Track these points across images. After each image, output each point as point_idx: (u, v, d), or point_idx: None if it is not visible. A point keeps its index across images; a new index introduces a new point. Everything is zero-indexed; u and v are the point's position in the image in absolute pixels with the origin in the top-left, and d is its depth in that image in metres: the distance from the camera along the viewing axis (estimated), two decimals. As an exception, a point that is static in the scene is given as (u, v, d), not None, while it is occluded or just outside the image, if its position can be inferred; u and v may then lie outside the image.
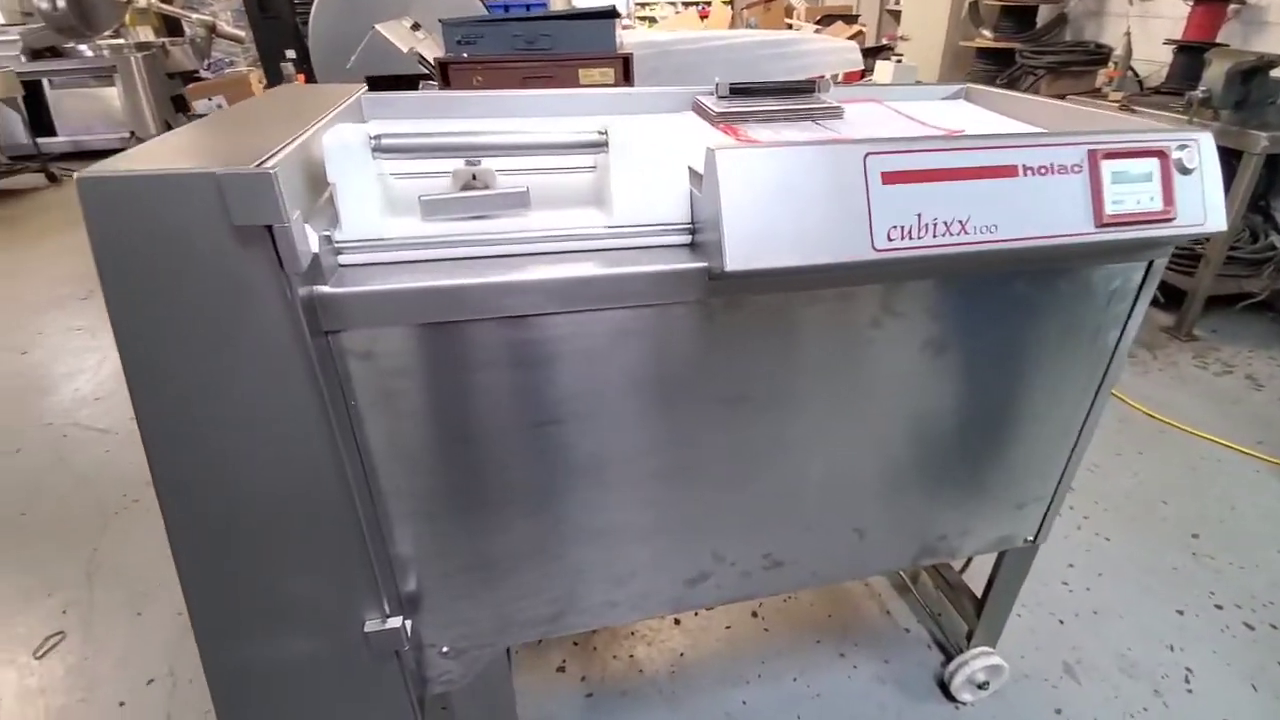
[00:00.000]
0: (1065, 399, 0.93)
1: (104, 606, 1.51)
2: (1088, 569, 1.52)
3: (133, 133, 5.44)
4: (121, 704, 1.31)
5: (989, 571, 1.17)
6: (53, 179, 5.04)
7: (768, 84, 1.03)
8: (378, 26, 2.07)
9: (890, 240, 0.67)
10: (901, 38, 4.29)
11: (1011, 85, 3.48)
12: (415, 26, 2.46)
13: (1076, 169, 0.72)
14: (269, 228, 0.51)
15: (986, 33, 3.73)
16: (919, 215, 0.68)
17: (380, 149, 0.64)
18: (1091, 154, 0.72)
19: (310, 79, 2.93)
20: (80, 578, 1.59)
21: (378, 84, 2.26)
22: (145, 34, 5.63)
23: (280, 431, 0.61)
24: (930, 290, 0.78)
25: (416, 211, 0.68)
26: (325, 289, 0.60)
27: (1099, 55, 3.27)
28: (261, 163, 0.50)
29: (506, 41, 1.59)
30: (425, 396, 0.68)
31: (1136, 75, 3.17)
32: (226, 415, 0.58)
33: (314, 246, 0.58)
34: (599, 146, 0.69)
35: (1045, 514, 1.05)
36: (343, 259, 0.65)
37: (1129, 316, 0.88)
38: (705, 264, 0.68)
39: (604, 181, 0.73)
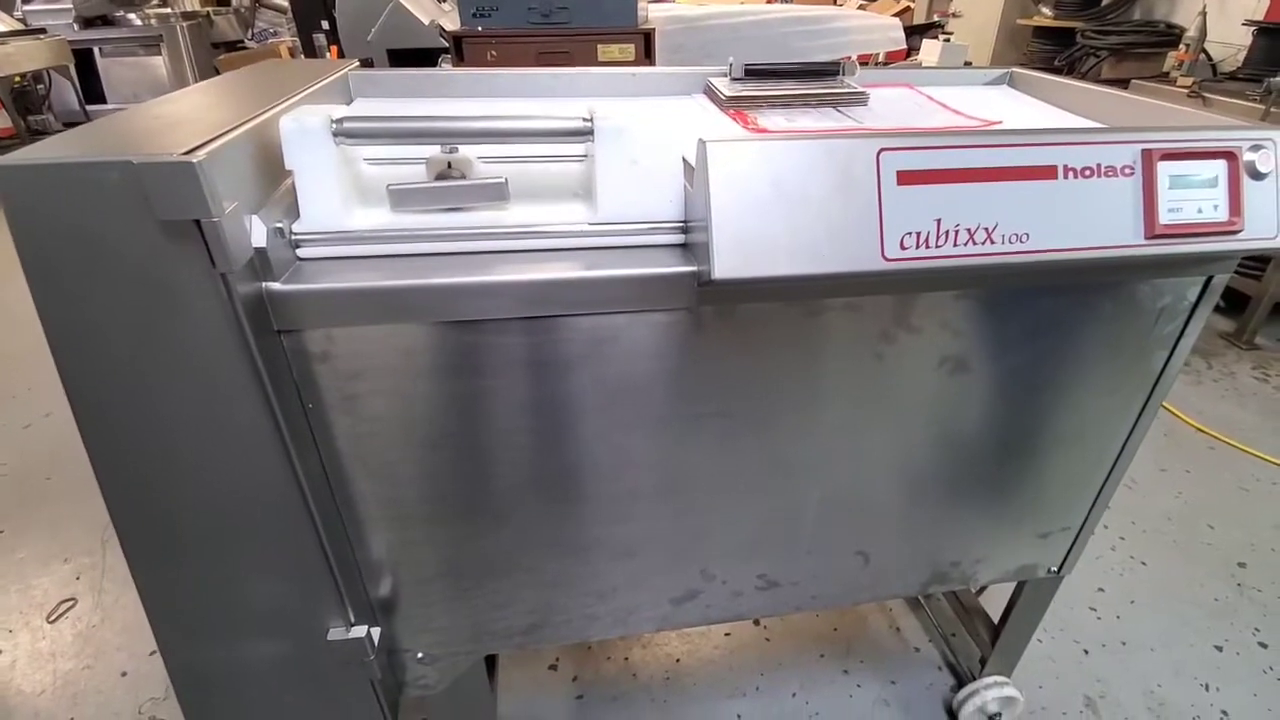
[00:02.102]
0: (1100, 424, 0.84)
1: (115, 574, 1.54)
2: (1119, 595, 1.43)
3: (178, 101, 5.53)
4: (124, 674, 1.33)
5: (1008, 594, 1.09)
6: (101, 146, 5.16)
7: (786, 65, 0.95)
8: (400, -2, 2.02)
9: (903, 249, 0.60)
10: (953, 14, 4.06)
11: (1071, 67, 3.27)
12: (441, -3, 2.40)
13: (1128, 171, 0.63)
14: (197, 222, 0.46)
15: (1046, 10, 3.50)
16: (938, 221, 0.60)
17: (342, 133, 0.58)
18: (1146, 154, 0.63)
19: (342, 53, 2.90)
20: (95, 545, 1.62)
21: (399, 57, 2.22)
22: (191, 3, 5.69)
23: (227, 435, 0.57)
24: (948, 302, 0.70)
25: (388, 201, 0.63)
26: (276, 286, 0.56)
27: (1169, 36, 3.04)
28: (190, 150, 0.46)
29: (523, 14, 1.52)
30: (388, 400, 0.64)
31: (1210, 59, 2.94)
32: (167, 418, 0.55)
33: (260, 240, 0.54)
34: (584, 135, 0.62)
35: (1072, 544, 0.97)
36: (302, 252, 0.60)
37: (1180, 336, 0.78)
38: (694, 268, 0.62)
39: (590, 174, 0.67)
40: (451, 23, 1.90)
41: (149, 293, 0.49)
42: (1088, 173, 0.63)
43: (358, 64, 0.91)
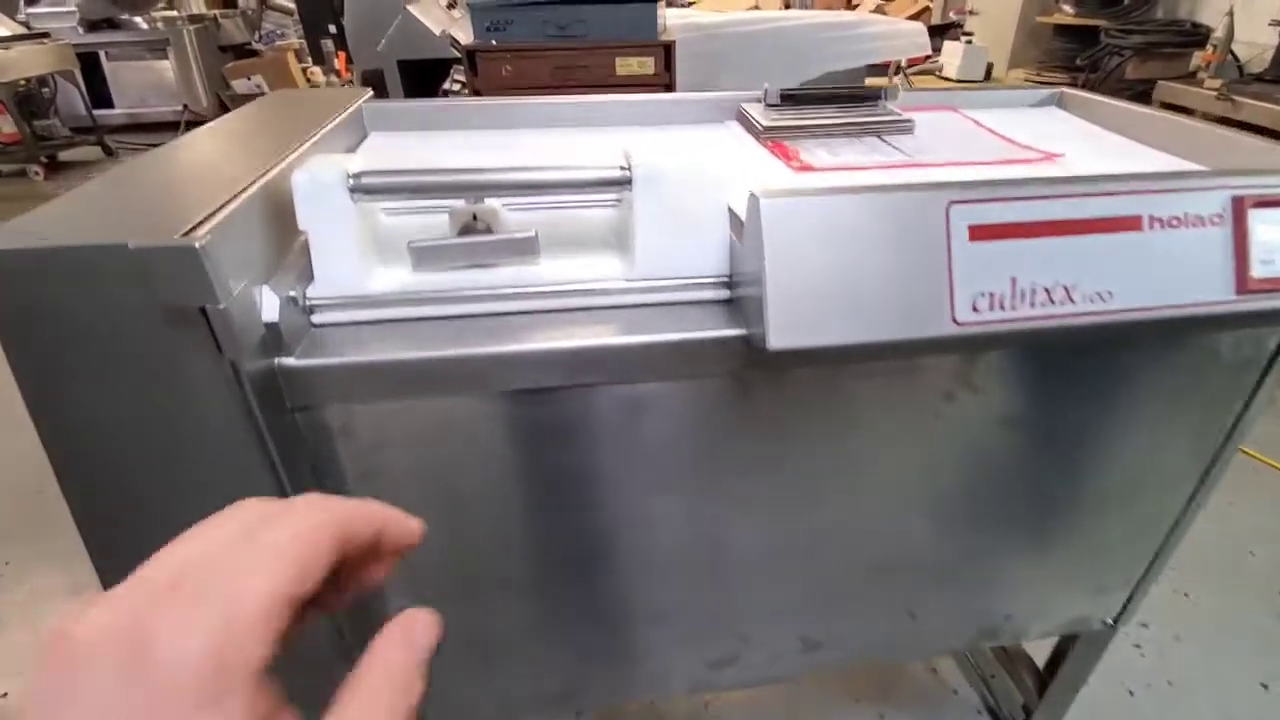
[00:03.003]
0: (1168, 476, 0.79)
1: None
2: (1164, 630, 1.37)
3: (185, 105, 5.51)
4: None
5: (1053, 641, 1.04)
6: (109, 152, 5.13)
7: (825, 90, 0.89)
8: (409, 6, 1.97)
9: (976, 311, 0.54)
10: (970, 11, 3.98)
11: (1093, 67, 3.19)
12: (451, 4, 2.35)
13: (1216, 220, 0.58)
14: (202, 308, 0.41)
15: (1067, 8, 3.42)
16: (1013, 280, 0.54)
17: (360, 189, 0.54)
18: (1237, 202, 0.57)
19: (350, 59, 2.85)
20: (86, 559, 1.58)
21: (409, 69, 2.17)
22: (198, 5, 5.65)
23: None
24: (1015, 359, 0.65)
25: (408, 258, 0.58)
26: (290, 361, 0.51)
27: (1195, 36, 2.96)
28: (193, 228, 0.41)
29: (539, 27, 1.47)
30: (413, 474, 0.59)
31: (1236, 59, 2.85)
32: (170, 513, 0.50)
33: (272, 314, 0.49)
34: (620, 185, 0.57)
35: (1131, 595, 0.91)
36: (317, 318, 0.55)
37: (1258, 387, 0.73)
38: (743, 331, 0.57)
39: (627, 223, 0.61)
40: (464, 32, 1.85)
41: (148, 381, 0.44)
42: (1174, 223, 0.57)
43: (371, 94, 0.86)
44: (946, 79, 2.57)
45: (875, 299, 0.53)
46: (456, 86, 1.81)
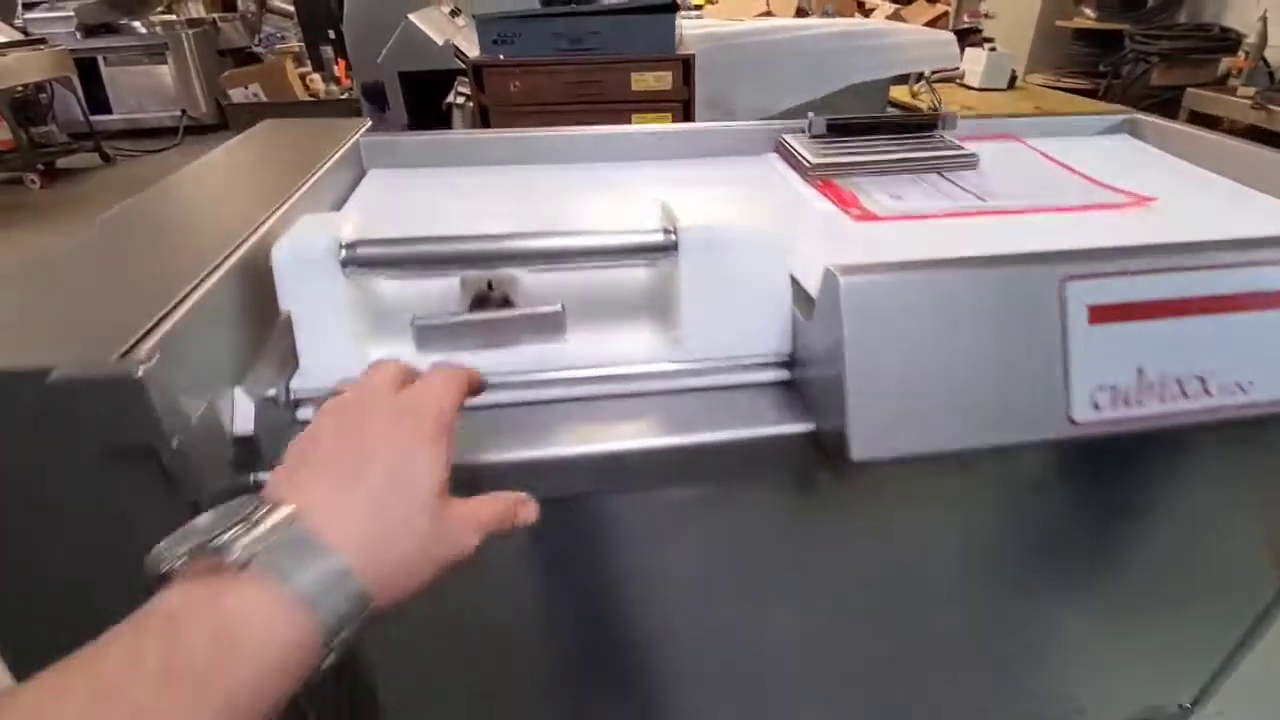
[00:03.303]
0: (1264, 566, 0.69)
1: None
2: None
3: (184, 110, 5.42)
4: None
5: None
6: (106, 159, 5.05)
7: (875, 118, 0.80)
8: (411, 16, 1.88)
9: (1097, 408, 0.45)
10: (985, 15, 3.88)
11: (1116, 73, 3.09)
12: (455, 12, 2.25)
13: (1376, 292, 0.48)
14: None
15: (1089, 11, 3.32)
16: (1139, 370, 0.45)
17: (354, 261, 0.44)
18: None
19: (350, 66, 2.77)
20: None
21: (411, 81, 2.08)
22: (197, 9, 5.57)
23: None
24: (1113, 449, 0.55)
25: (410, 333, 0.49)
26: (268, 476, 0.42)
27: (1224, 41, 2.85)
28: (137, 341, 0.32)
29: (548, 41, 1.38)
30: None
31: (1268, 66, 2.75)
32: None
33: (247, 424, 0.40)
34: (664, 250, 0.48)
35: (1211, 679, 0.82)
36: (303, 413, 0.46)
37: (1386, 467, 0.63)
38: (811, 427, 0.48)
39: (669, 292, 0.52)
40: (468, 41, 1.76)
41: (90, 530, 0.35)
42: (1324, 295, 0.48)
43: (369, 125, 0.77)
44: (968, 87, 2.48)
45: (976, 396, 0.44)
46: (461, 99, 1.72)
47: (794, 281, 0.50)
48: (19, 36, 4.76)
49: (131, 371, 0.30)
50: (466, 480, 0.45)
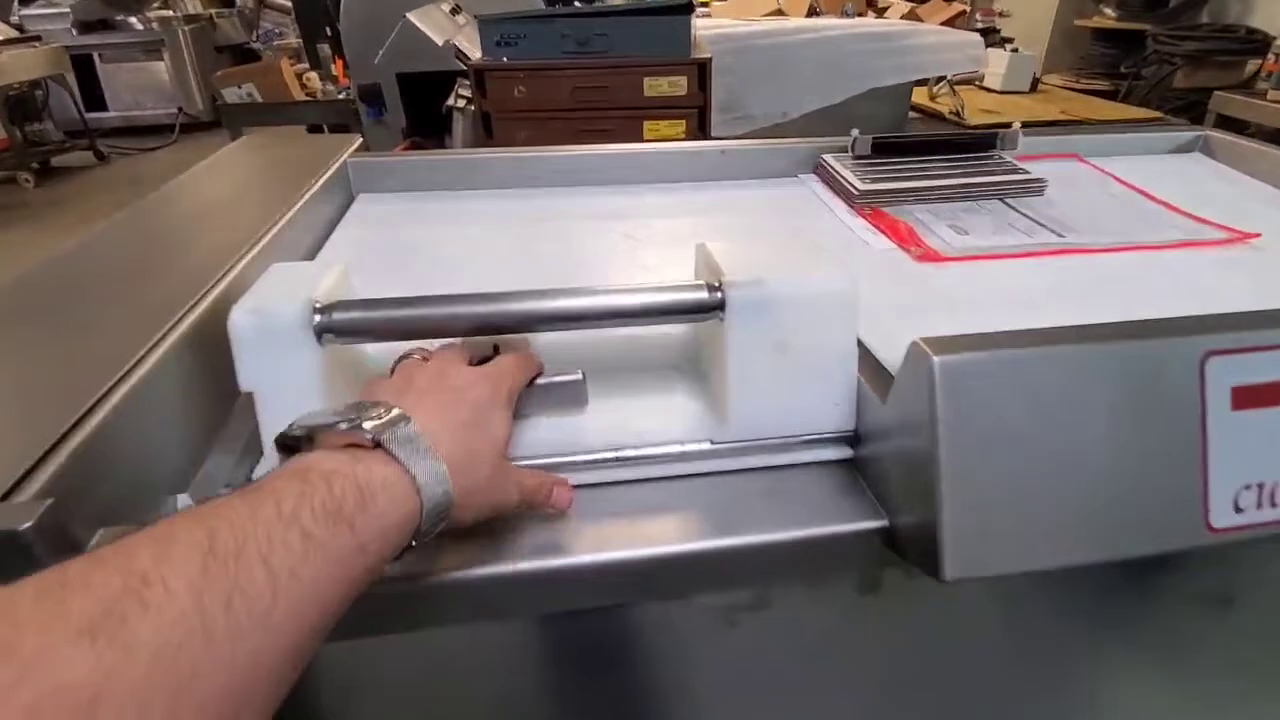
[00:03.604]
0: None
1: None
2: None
3: (180, 108, 5.34)
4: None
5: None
6: (101, 157, 4.96)
7: (926, 137, 0.72)
8: (410, 14, 1.79)
9: (1239, 511, 0.37)
10: (1000, 13, 3.78)
11: (1138, 74, 3.00)
12: (455, 10, 2.17)
13: None
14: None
15: (1109, 10, 3.23)
16: (1291, 464, 0.37)
17: (332, 330, 0.36)
18: None
19: (347, 66, 2.68)
20: None
21: (409, 83, 1.99)
22: (194, 5, 5.48)
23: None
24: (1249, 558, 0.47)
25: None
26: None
27: (1251, 43, 2.76)
28: (19, 481, 0.24)
29: (554, 43, 1.30)
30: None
31: (1296, 67, 2.66)
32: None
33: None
34: (709, 311, 0.40)
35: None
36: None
37: None
38: (882, 523, 0.39)
39: (712, 358, 0.44)
40: (470, 41, 1.67)
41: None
42: None
43: (360, 142, 0.69)
44: (988, 90, 2.39)
45: (1095, 500, 0.35)
46: (461, 103, 1.63)
47: (865, 350, 0.42)
48: (14, 34, 4.67)
49: (15, 523, 0.22)
50: (459, 597, 0.37)
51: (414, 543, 0.29)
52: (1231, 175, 0.75)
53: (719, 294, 0.39)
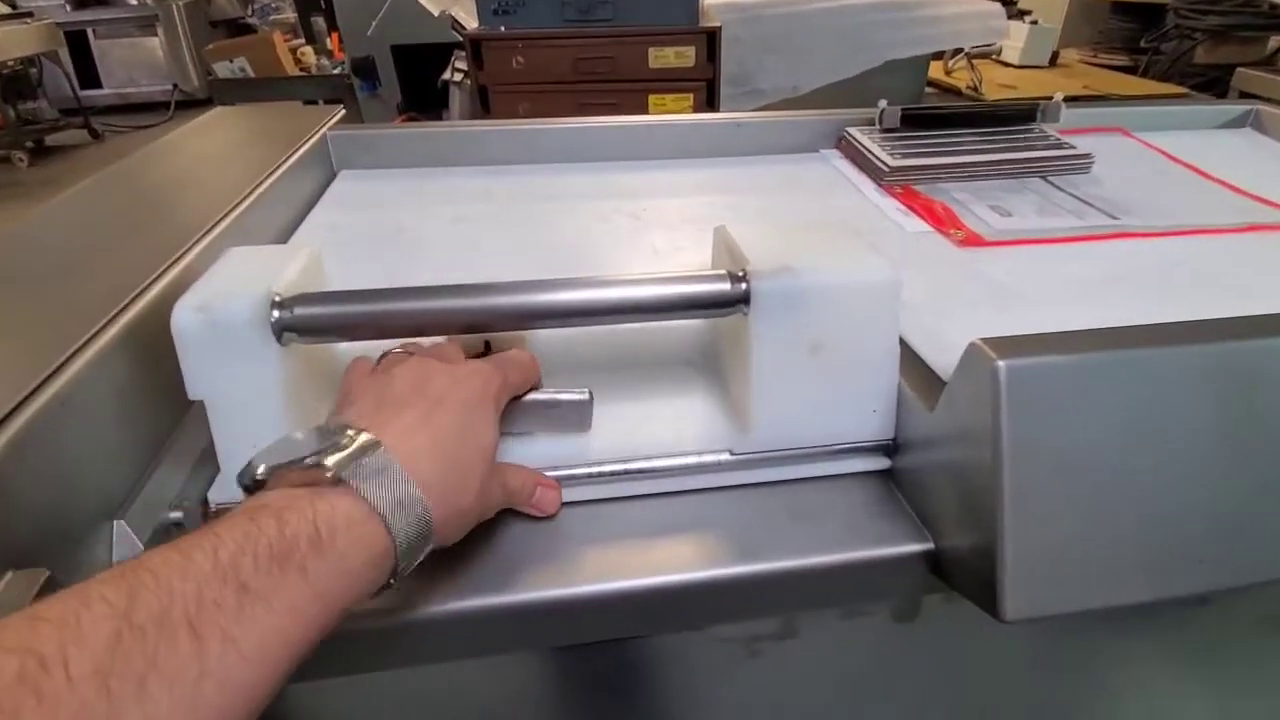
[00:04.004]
0: None
1: None
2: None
3: (175, 85, 5.23)
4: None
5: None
6: (96, 135, 4.87)
7: (960, 108, 0.66)
8: (405, -16, 1.72)
9: (1343, 539, 0.32)
10: (1014, -14, 3.65)
11: (1158, 49, 2.89)
12: (453, -20, 2.09)
13: None
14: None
15: (1129, -17, 3.11)
16: (1406, 485, 0.32)
17: (294, 328, 0.31)
18: None
19: (342, 40, 2.60)
20: None
21: (404, 56, 1.92)
22: (189, -22, 5.36)
23: None
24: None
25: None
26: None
27: (1275, 19, 2.66)
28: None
29: (555, 11, 1.23)
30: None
31: (1325, 42, 2.56)
32: None
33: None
34: (731, 305, 0.35)
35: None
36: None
37: None
38: (928, 546, 0.35)
39: (733, 357, 0.39)
40: (466, 11, 1.60)
41: None
42: None
43: (341, 113, 0.63)
44: (1006, 64, 2.30)
45: (1182, 527, 0.30)
46: (459, 76, 1.56)
47: (907, 349, 0.37)
48: (6, 9, 4.57)
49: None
50: (445, 632, 0.33)
51: (393, 581, 0.26)
52: (1288, 151, 0.69)
53: (743, 285, 0.34)
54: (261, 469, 0.25)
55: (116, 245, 0.38)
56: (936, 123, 0.64)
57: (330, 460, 0.25)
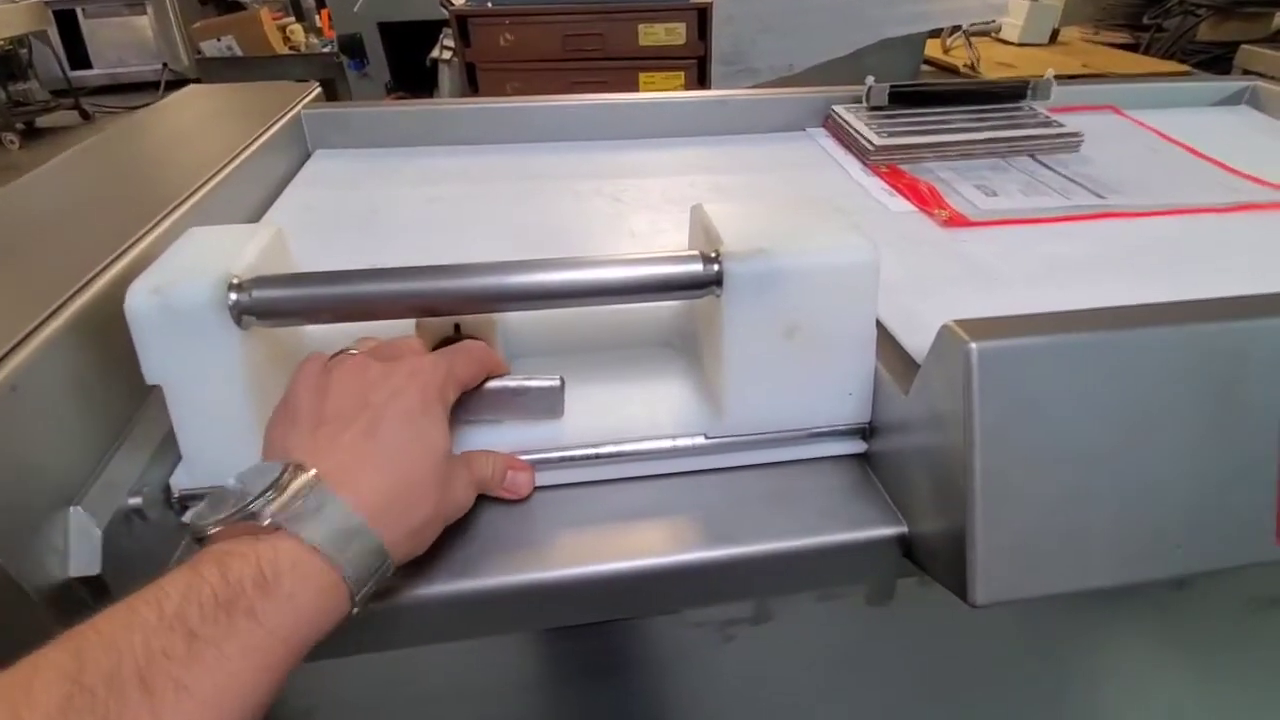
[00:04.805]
0: None
1: None
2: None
3: (165, 64, 5.15)
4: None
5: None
6: (86, 116, 4.81)
7: (948, 86, 0.64)
8: (392, -41, 1.69)
9: (1317, 523, 0.32)
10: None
11: (1160, 26, 2.86)
12: (443, -45, 2.05)
13: None
14: None
15: (1131, -42, 3.06)
16: (1385, 468, 0.32)
17: (256, 311, 0.30)
18: None
19: (332, 19, 2.56)
20: None
21: (392, 34, 1.88)
22: (178, -46, 5.26)
23: None
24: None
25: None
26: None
27: (1282, -9, 2.62)
28: None
29: (546, -13, 1.20)
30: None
31: (1330, 18, 2.53)
32: None
33: (90, 563, 0.27)
34: (703, 287, 0.34)
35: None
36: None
37: None
38: (901, 530, 0.34)
39: (706, 340, 0.38)
40: (455, -10, 1.57)
41: None
42: None
43: (317, 91, 0.62)
44: (1005, 42, 2.27)
45: (1155, 511, 0.30)
46: (447, 54, 1.54)
47: (884, 332, 0.36)
48: (-4, -10, 4.48)
49: None
50: (415, 619, 0.32)
51: (355, 609, 0.26)
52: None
53: (715, 266, 0.33)
54: (205, 524, 0.25)
55: (75, 225, 0.37)
56: (924, 100, 0.62)
57: (268, 509, 0.24)
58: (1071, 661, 0.47)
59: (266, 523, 0.24)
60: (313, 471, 0.26)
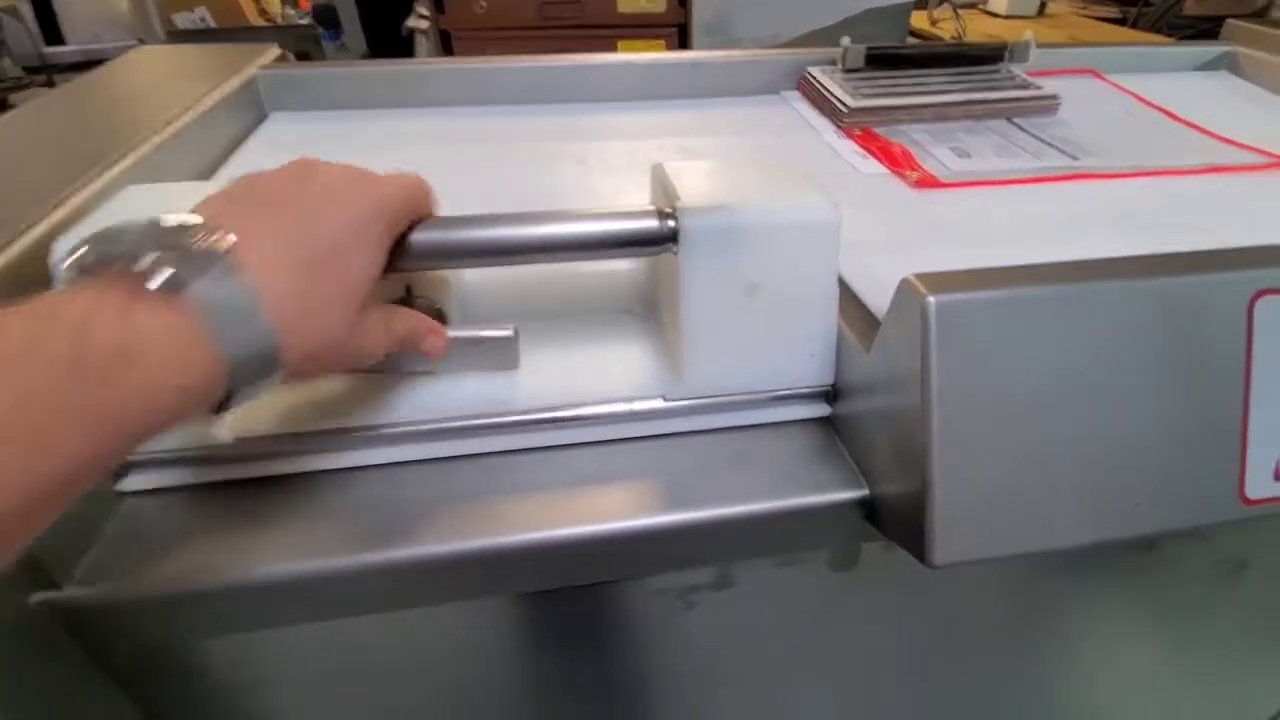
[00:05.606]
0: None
1: None
2: None
3: (141, 39, 5.03)
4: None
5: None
6: (57, 93, 4.68)
7: (925, 49, 0.63)
8: (366, -75, 1.64)
9: (1278, 480, 0.31)
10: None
11: (1147, 1, 2.83)
12: (419, -78, 1.99)
13: None
14: None
15: (1120, -70, 3.02)
16: (1348, 424, 0.31)
17: (187, 267, 0.29)
18: None
19: (307, -13, 2.50)
20: None
21: (366, 3, 1.83)
22: (147, -75, 5.11)
23: None
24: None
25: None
26: (73, 593, 0.28)
27: (1270, -36, 2.60)
28: None
29: (522, -47, 1.17)
30: (325, 714, 0.37)
31: (1317, -9, 2.51)
32: None
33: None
34: (658, 243, 0.33)
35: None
36: (131, 483, 0.32)
37: None
38: (863, 492, 0.34)
39: (664, 301, 0.37)
40: (431, -44, 1.53)
41: None
42: None
43: (276, 53, 0.60)
44: (993, 14, 2.24)
45: (1116, 469, 0.30)
46: (424, 23, 1.50)
47: (846, 289, 0.35)
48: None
49: None
50: (364, 586, 0.32)
51: (228, 407, 0.24)
52: (1262, 95, 0.67)
53: (671, 222, 0.32)
54: (72, 259, 0.22)
55: (4, 182, 0.35)
56: (901, 63, 0.61)
57: (162, 268, 0.21)
58: (1041, 627, 0.47)
59: (154, 282, 0.21)
60: (226, 238, 0.23)
